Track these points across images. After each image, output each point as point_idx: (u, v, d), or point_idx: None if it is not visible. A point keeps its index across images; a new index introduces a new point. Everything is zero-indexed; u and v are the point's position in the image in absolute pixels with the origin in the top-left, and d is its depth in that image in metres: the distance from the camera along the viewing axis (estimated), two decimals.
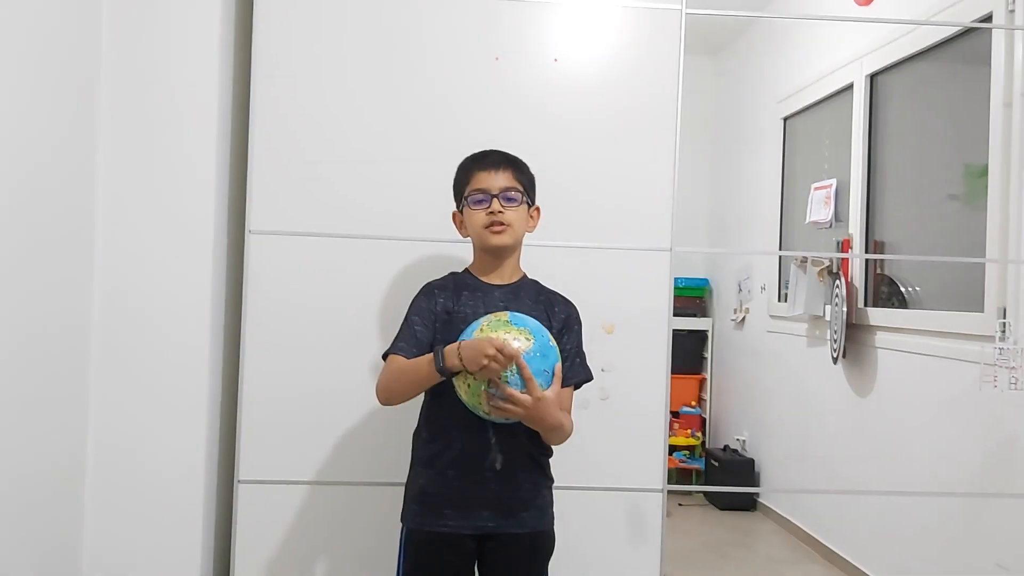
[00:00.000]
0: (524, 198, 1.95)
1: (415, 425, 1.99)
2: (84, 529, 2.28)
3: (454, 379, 1.78)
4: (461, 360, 1.73)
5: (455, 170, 2.01)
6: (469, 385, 1.76)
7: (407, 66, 2.45)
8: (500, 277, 1.98)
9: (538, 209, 2.02)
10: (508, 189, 1.92)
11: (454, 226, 2.02)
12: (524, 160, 2.00)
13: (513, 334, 1.74)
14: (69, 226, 2.16)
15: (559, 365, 1.80)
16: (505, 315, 1.79)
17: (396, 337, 1.92)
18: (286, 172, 2.42)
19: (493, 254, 1.96)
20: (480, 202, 1.91)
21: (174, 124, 2.31)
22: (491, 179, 1.92)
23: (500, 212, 1.90)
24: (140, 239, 2.30)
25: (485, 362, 1.69)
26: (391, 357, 1.89)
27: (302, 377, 2.42)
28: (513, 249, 1.97)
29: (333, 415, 2.43)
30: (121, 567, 2.30)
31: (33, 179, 1.96)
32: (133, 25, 2.28)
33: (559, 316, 1.98)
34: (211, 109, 2.32)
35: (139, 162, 2.29)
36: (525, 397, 1.72)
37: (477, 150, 2.01)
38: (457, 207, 2.00)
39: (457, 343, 1.76)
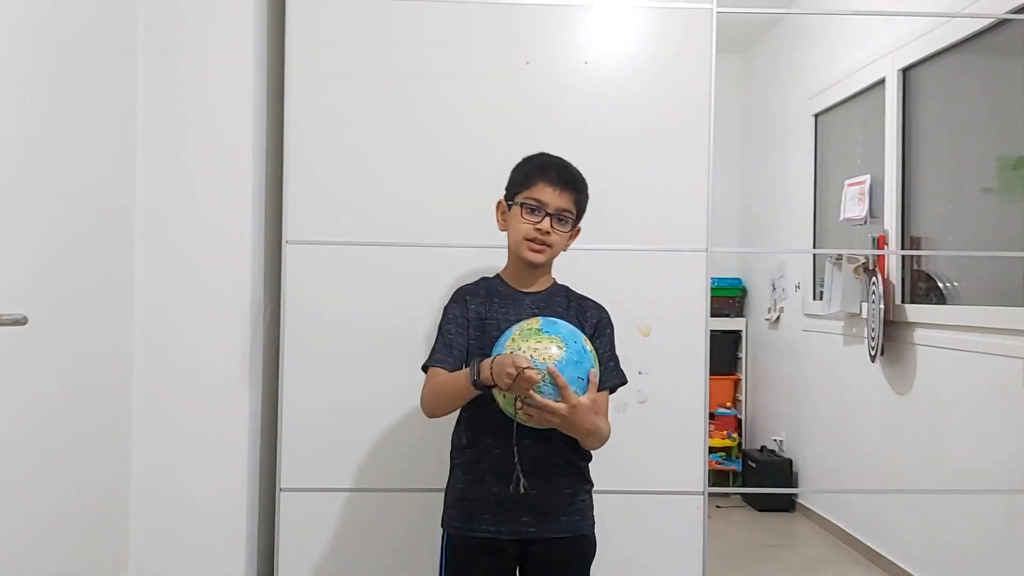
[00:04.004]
0: (573, 221, 1.95)
1: (453, 431, 1.99)
2: (129, 540, 2.31)
3: (494, 390, 1.77)
4: (492, 375, 1.72)
5: (518, 162, 1.98)
6: (505, 396, 1.75)
7: (442, 73, 2.46)
8: (531, 284, 1.98)
9: (578, 230, 2.00)
10: (563, 211, 1.91)
11: (495, 214, 2.00)
12: (583, 175, 1.97)
13: (544, 343, 1.72)
14: (109, 240, 2.19)
15: (594, 371, 1.78)
16: (537, 322, 1.77)
17: (433, 349, 1.92)
18: (321, 182, 2.44)
19: (526, 265, 1.95)
20: (533, 211, 1.90)
21: (210, 135, 2.34)
22: (552, 195, 1.90)
23: (548, 233, 1.89)
24: (178, 251, 2.33)
25: (508, 381, 1.68)
26: (431, 370, 1.89)
27: (341, 385, 2.44)
28: (546, 265, 1.98)
29: (372, 422, 2.45)
30: None
31: (73, 194, 1.99)
32: (169, 38, 2.32)
33: (591, 321, 1.97)
34: (247, 120, 2.35)
35: (176, 174, 2.33)
36: (559, 406, 1.71)
37: (544, 152, 1.98)
38: (506, 199, 1.98)
39: (491, 358, 1.75)
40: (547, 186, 1.90)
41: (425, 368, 1.92)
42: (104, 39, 2.14)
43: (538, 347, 1.71)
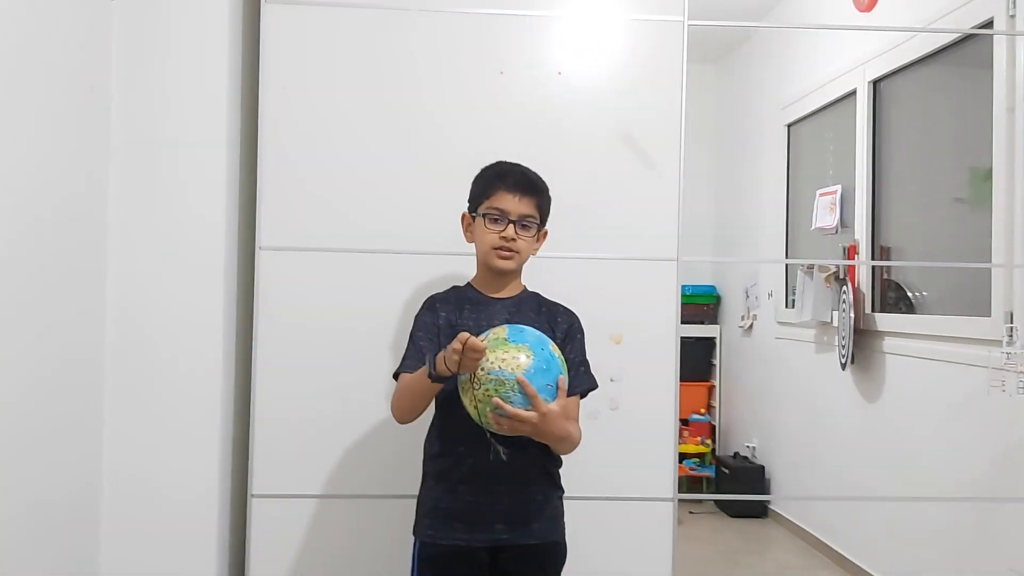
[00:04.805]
0: (538, 226, 1.96)
1: (425, 440, 2.00)
2: (100, 545, 2.30)
3: (461, 396, 1.78)
4: (446, 363, 1.72)
5: (477, 174, 2.00)
6: (476, 407, 1.74)
7: (415, 81, 2.47)
8: (502, 291, 1.99)
9: (546, 233, 2.02)
10: (526, 216, 1.92)
11: (461, 227, 2.02)
12: (543, 179, 1.98)
13: (512, 352, 1.72)
14: (81, 245, 2.18)
15: (563, 377, 1.79)
16: (504, 331, 1.77)
17: (403, 356, 1.93)
18: (295, 188, 2.44)
19: (496, 274, 1.97)
20: (496, 221, 1.92)
21: (184, 141, 2.33)
22: (513, 202, 1.91)
23: (513, 240, 1.91)
24: (151, 257, 2.32)
25: (456, 358, 1.68)
26: (401, 376, 1.91)
27: (314, 391, 2.44)
28: (516, 272, 1.99)
29: (345, 429, 2.45)
30: None
31: (46, 198, 1.98)
32: (143, 45, 2.31)
33: (562, 326, 1.98)
34: (220, 127, 2.35)
35: (149, 181, 2.32)
36: (530, 414, 1.72)
37: (501, 161, 2.00)
38: (469, 212, 1.99)
39: (444, 349, 1.75)
40: (507, 193, 1.92)
41: (396, 375, 1.92)
42: (78, 43, 2.14)
43: (505, 357, 1.71)
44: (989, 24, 2.98)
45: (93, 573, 2.28)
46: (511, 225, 1.91)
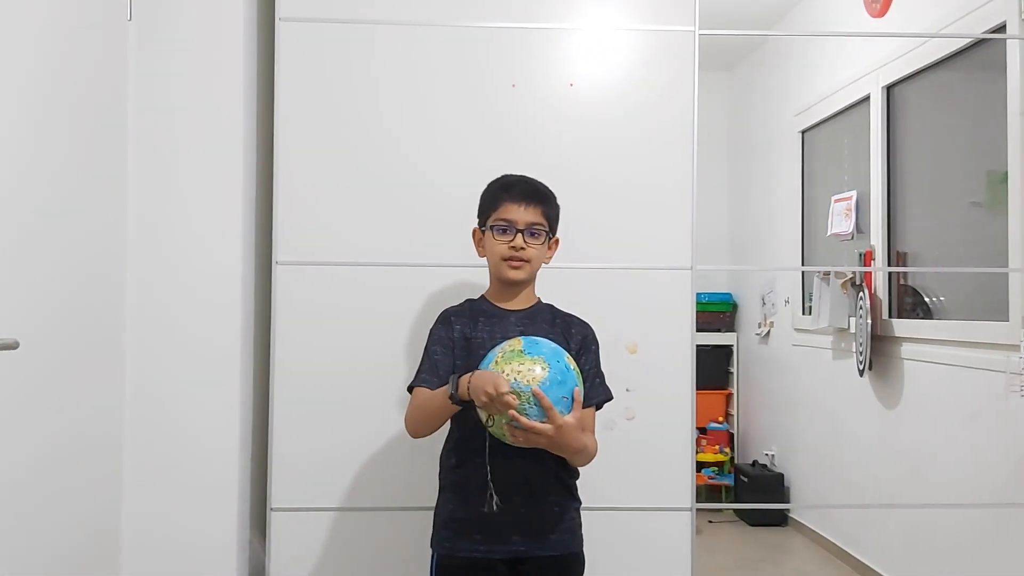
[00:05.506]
0: (547, 233, 1.97)
1: (442, 452, 2.01)
2: (121, 563, 2.31)
3: (478, 409, 1.78)
4: (469, 390, 1.74)
5: (483, 189, 2.02)
6: (491, 419, 1.75)
7: (427, 96, 2.49)
8: (516, 303, 2.00)
9: (557, 241, 2.04)
10: (533, 224, 1.94)
11: (473, 243, 2.04)
12: (550, 188, 2.00)
13: (528, 364, 1.73)
14: (100, 262, 2.21)
15: (579, 389, 1.80)
16: (519, 343, 1.78)
17: (418, 369, 1.94)
18: (311, 203, 2.46)
19: (508, 284, 1.98)
20: (504, 232, 1.93)
21: (201, 159, 2.36)
22: (519, 212, 1.93)
23: (522, 248, 1.92)
24: (170, 274, 2.34)
25: (485, 399, 1.70)
26: (416, 390, 1.92)
27: (331, 405, 2.46)
28: (529, 281, 2.00)
29: (362, 442, 2.47)
30: None
31: (66, 213, 2.01)
32: (159, 58, 2.34)
33: (576, 338, 1.99)
34: (236, 143, 2.37)
35: (167, 198, 2.34)
36: (545, 427, 1.72)
37: (507, 174, 2.02)
38: (479, 226, 2.02)
39: (469, 373, 1.77)
40: (512, 203, 1.94)
41: (411, 389, 1.94)
42: (95, 60, 2.16)
43: (521, 369, 1.72)
44: (1002, 28, 2.97)
45: None
46: (519, 235, 1.92)
